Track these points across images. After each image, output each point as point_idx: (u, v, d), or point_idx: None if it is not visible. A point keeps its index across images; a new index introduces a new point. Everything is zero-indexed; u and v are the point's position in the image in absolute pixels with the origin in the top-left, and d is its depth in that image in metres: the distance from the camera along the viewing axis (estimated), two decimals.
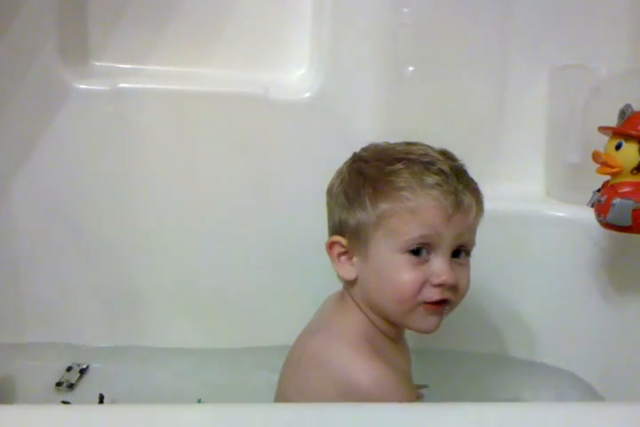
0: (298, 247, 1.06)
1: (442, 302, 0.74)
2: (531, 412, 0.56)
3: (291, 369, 0.80)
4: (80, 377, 1.02)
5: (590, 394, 0.98)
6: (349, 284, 0.80)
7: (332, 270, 1.03)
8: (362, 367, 0.71)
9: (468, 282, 0.76)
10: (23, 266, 1.06)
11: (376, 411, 0.54)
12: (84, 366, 1.04)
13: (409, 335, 0.85)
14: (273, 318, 1.08)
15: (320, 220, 1.04)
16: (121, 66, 1.07)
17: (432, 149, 0.80)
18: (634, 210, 0.83)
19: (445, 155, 0.79)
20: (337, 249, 0.79)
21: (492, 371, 1.06)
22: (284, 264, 1.07)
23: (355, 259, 0.77)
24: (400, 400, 0.70)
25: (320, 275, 1.05)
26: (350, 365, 0.72)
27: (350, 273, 0.78)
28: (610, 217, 0.84)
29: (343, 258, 0.78)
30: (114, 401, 0.95)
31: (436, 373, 1.00)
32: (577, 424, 0.54)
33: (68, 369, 1.03)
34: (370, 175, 0.77)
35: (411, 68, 1.06)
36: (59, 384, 1.00)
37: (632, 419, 0.55)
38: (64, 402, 0.95)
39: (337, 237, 0.78)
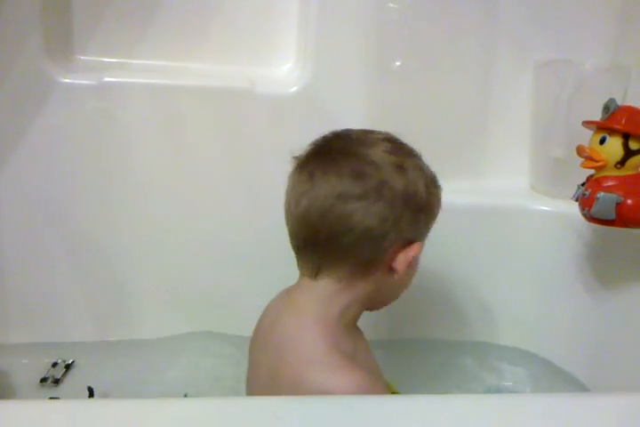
0: (287, 243, 1.06)
1: None
2: (513, 403, 0.56)
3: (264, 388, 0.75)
4: (65, 372, 1.02)
5: (574, 384, 0.99)
6: (366, 280, 0.74)
7: None
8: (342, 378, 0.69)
9: None
10: (7, 262, 1.05)
11: (355, 403, 0.54)
12: (70, 362, 1.03)
13: (385, 326, 0.84)
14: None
15: None
16: (106, 60, 1.06)
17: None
18: (618, 204, 0.83)
19: None
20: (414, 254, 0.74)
21: (472, 359, 1.07)
22: (273, 260, 1.07)
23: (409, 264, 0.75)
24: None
25: None
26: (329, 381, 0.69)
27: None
28: (594, 211, 0.85)
29: (412, 262, 0.75)
30: (100, 396, 0.95)
31: (414, 362, 1.03)
32: (559, 415, 0.54)
33: (54, 365, 1.03)
34: (439, 185, 0.76)
35: (397, 63, 1.06)
36: (44, 380, 1.00)
37: (614, 410, 0.55)
38: (52, 398, 0.95)
39: (420, 244, 0.74)
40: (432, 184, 0.75)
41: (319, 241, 0.71)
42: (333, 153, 0.74)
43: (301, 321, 0.73)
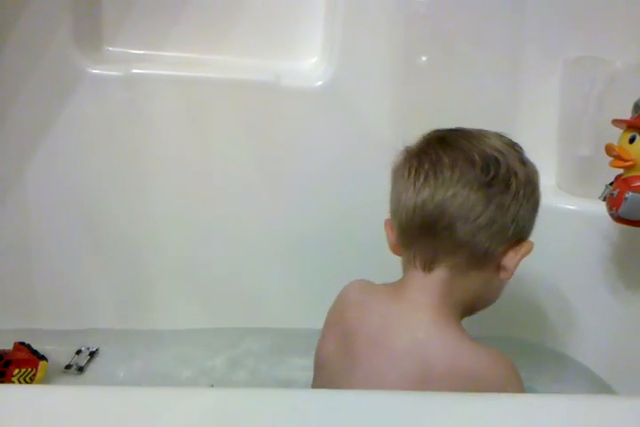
0: (308, 234, 1.07)
1: None
2: (533, 404, 0.56)
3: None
4: (89, 360, 1.03)
5: (597, 384, 0.99)
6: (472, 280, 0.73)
7: (338, 257, 1.05)
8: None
9: None
10: (34, 251, 1.06)
11: (380, 399, 0.54)
12: (94, 349, 1.04)
13: None
14: (281, 301, 1.09)
15: (330, 207, 1.06)
16: (134, 52, 1.07)
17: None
18: None
19: None
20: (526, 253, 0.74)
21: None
22: (293, 251, 1.08)
23: None
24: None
25: (327, 262, 1.07)
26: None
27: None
28: (622, 211, 0.84)
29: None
30: (124, 384, 0.96)
31: None
32: (579, 417, 0.54)
33: (78, 352, 1.04)
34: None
35: (423, 58, 1.06)
36: (68, 367, 1.01)
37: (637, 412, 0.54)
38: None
39: (531, 243, 0.74)
40: (539, 182, 0.74)
41: (438, 230, 0.69)
42: (457, 139, 0.72)
43: (431, 318, 0.71)
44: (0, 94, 1.00)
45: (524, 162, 0.72)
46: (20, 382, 0.92)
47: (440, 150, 0.71)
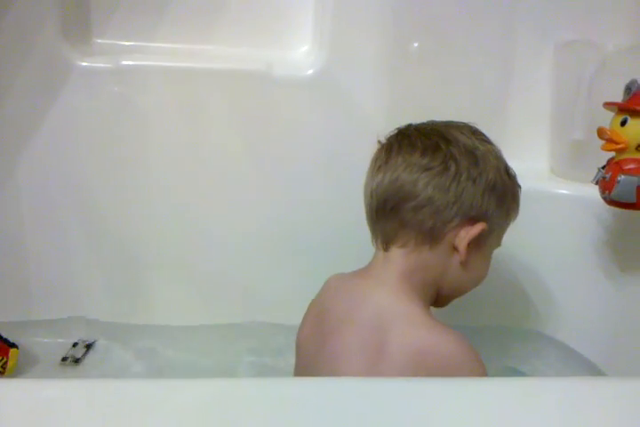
0: (302, 226, 1.07)
1: None
2: (529, 387, 0.56)
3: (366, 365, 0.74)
4: (86, 352, 1.03)
5: (591, 369, 0.99)
6: (434, 265, 0.78)
7: (334, 251, 1.05)
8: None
9: None
10: (29, 244, 1.06)
11: (379, 385, 0.54)
12: (90, 342, 1.05)
13: None
14: (277, 296, 1.09)
15: (324, 196, 1.06)
16: (124, 43, 1.06)
17: None
18: (639, 187, 0.82)
19: None
20: (476, 233, 0.77)
21: (490, 343, 1.06)
22: (288, 244, 1.08)
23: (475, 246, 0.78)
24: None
25: (322, 251, 1.07)
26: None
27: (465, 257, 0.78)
28: (614, 194, 0.84)
29: (472, 243, 0.77)
30: (120, 376, 0.96)
31: None
32: (575, 399, 0.54)
33: (74, 345, 1.04)
34: (514, 175, 0.82)
35: (415, 45, 1.05)
36: (64, 359, 1.01)
37: (634, 394, 0.55)
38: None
39: (483, 224, 0.77)
40: (505, 171, 0.80)
41: (386, 210, 0.77)
42: (412, 131, 0.80)
43: (393, 293, 0.77)
44: None
45: (474, 148, 0.78)
46: None
47: (394, 141, 0.80)
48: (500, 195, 0.79)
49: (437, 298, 0.82)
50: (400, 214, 0.76)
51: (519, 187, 0.83)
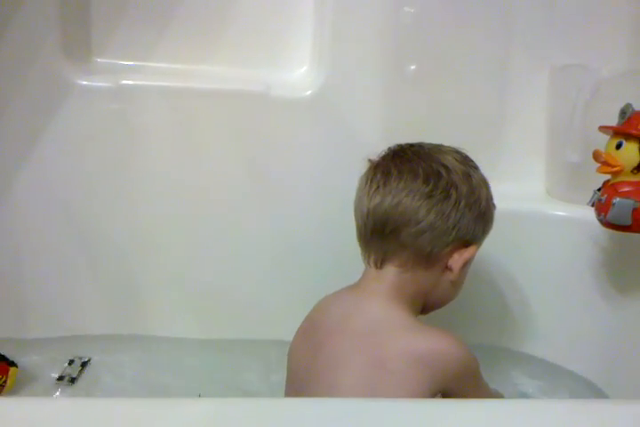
0: (297, 243, 1.07)
1: None
2: (531, 409, 0.56)
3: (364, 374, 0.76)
4: (81, 370, 1.02)
5: (591, 390, 0.99)
6: (419, 280, 0.81)
7: (328, 265, 1.06)
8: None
9: None
10: (25, 263, 1.06)
11: (379, 407, 0.54)
12: (86, 360, 1.04)
13: None
14: (273, 310, 1.09)
15: (320, 216, 1.06)
16: (123, 63, 1.07)
17: None
18: (634, 209, 0.83)
19: None
20: (469, 256, 0.81)
21: (485, 364, 1.06)
22: (283, 259, 1.09)
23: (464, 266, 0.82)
24: None
25: (317, 270, 1.07)
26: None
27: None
28: (610, 216, 0.85)
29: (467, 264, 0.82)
30: (115, 394, 0.95)
31: None
32: (577, 421, 0.54)
33: (70, 363, 1.03)
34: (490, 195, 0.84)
35: (412, 67, 1.06)
36: (60, 379, 1.00)
37: (634, 417, 0.55)
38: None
39: (475, 248, 0.82)
40: (491, 198, 0.84)
41: (385, 232, 0.79)
42: (409, 155, 0.82)
43: (384, 303, 0.79)
44: None
45: (470, 176, 0.81)
46: None
47: (392, 163, 0.81)
48: (486, 220, 0.83)
49: (422, 308, 0.84)
50: (400, 238, 0.78)
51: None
